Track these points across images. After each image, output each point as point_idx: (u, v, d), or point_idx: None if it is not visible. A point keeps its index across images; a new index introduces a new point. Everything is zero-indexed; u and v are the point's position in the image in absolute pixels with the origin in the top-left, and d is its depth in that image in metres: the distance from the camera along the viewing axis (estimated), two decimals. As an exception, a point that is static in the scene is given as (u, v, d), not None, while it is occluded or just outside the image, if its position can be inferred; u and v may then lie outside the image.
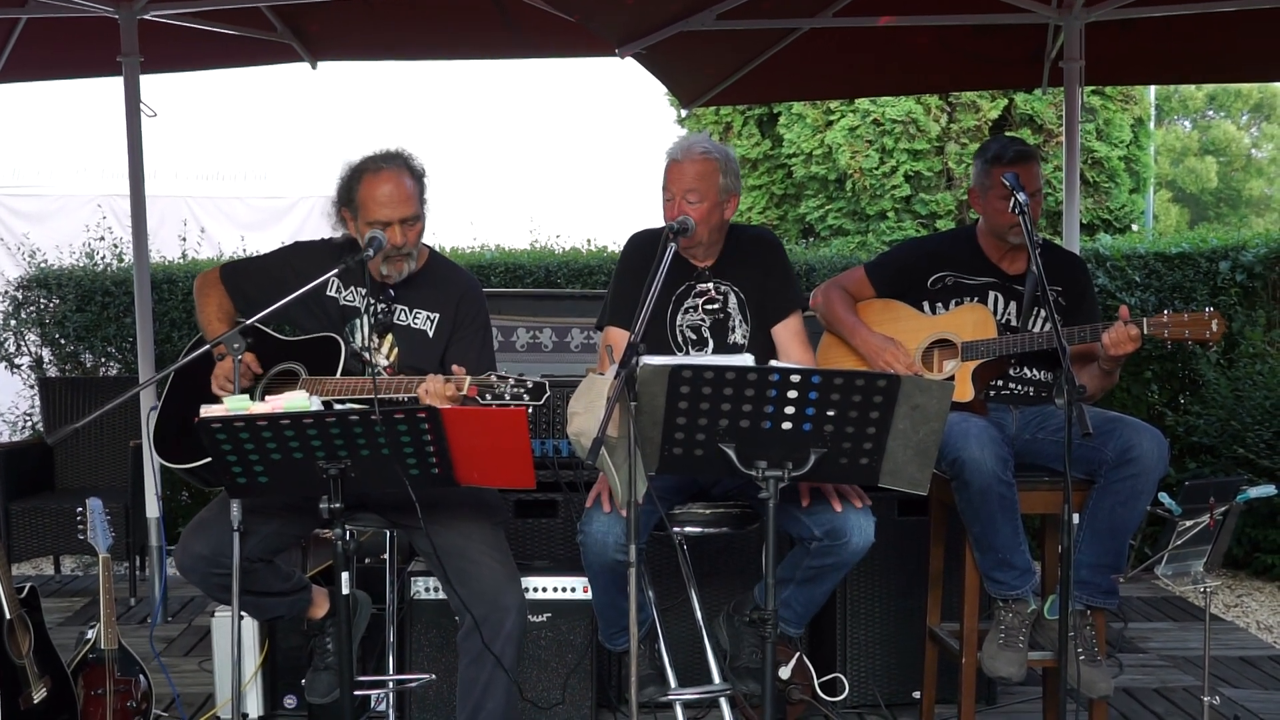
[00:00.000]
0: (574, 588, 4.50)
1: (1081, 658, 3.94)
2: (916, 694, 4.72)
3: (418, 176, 3.99)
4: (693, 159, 3.98)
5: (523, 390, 3.57)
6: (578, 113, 12.39)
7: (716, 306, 4.13)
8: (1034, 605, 4.09)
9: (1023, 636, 4.05)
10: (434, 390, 3.61)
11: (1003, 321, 4.28)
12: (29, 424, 7.84)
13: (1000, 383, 4.28)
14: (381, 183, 3.90)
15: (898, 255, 4.62)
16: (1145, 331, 3.95)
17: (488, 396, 3.57)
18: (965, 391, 4.15)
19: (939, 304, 4.36)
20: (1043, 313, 4.29)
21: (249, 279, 4.14)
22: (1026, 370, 4.29)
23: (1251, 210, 22.91)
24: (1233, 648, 5.77)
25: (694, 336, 4.12)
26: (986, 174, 4.25)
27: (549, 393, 3.61)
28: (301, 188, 10.69)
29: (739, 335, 4.12)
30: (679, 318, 4.13)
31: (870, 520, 3.73)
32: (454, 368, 3.68)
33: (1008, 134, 6.10)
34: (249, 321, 3.74)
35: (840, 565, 3.76)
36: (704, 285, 4.14)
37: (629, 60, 5.95)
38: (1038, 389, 4.29)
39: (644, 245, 4.13)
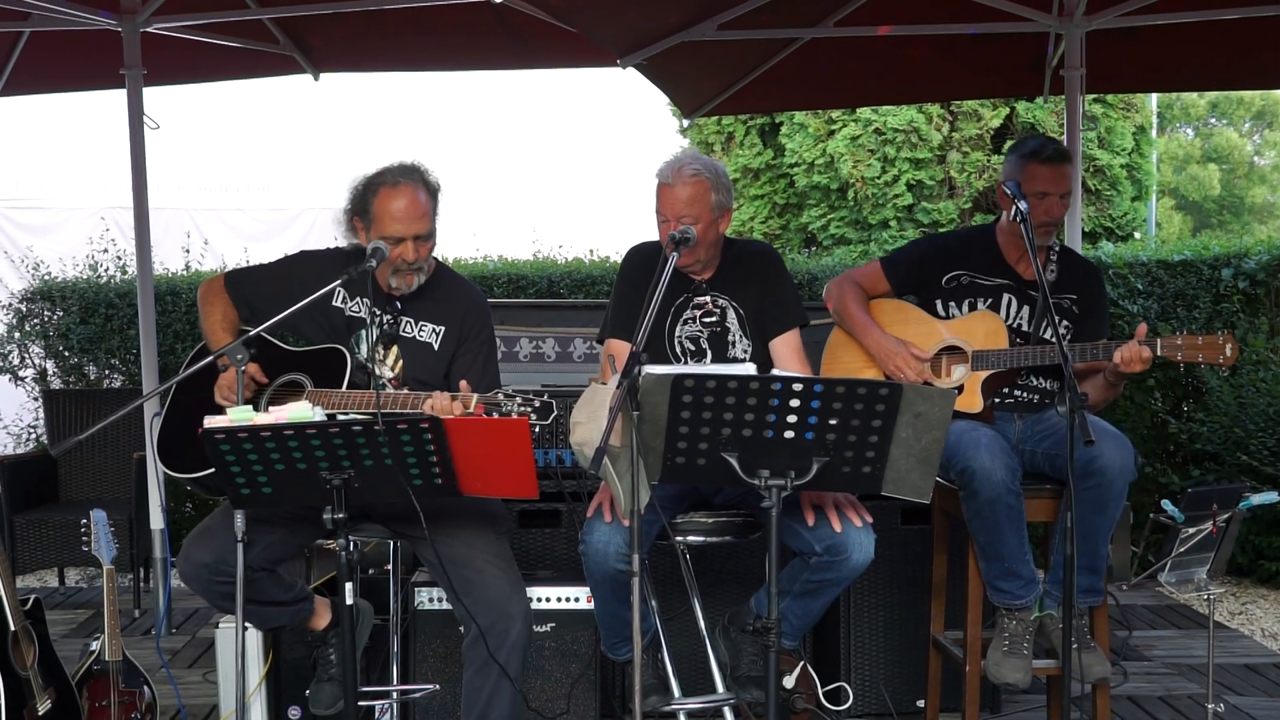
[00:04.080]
0: (578, 597, 4.50)
1: (1074, 646, 3.92)
2: (921, 702, 4.72)
3: (433, 192, 3.99)
4: (683, 181, 3.95)
5: (530, 409, 3.58)
6: (580, 123, 12.42)
7: (714, 319, 4.13)
8: (1037, 613, 4.09)
9: (1027, 643, 4.05)
10: (440, 408, 3.61)
11: (1014, 325, 4.27)
12: (33, 436, 7.85)
13: (1006, 390, 4.27)
14: (398, 197, 3.90)
15: (914, 250, 4.61)
16: (1158, 353, 3.94)
17: (494, 415, 3.57)
18: (974, 403, 4.14)
19: (952, 303, 4.34)
20: (1056, 316, 4.28)
21: (254, 287, 4.14)
22: (1034, 379, 4.29)
23: (1254, 217, 22.91)
24: (1237, 655, 5.76)
25: (692, 348, 4.12)
26: (1021, 169, 4.20)
27: (556, 412, 3.61)
28: (304, 199, 10.72)
29: (739, 350, 4.12)
30: (677, 329, 4.13)
31: (871, 538, 3.73)
32: (462, 384, 3.69)
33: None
34: (254, 332, 3.73)
35: (839, 581, 3.76)
36: (701, 298, 4.14)
37: (630, 71, 5.96)
38: (1043, 397, 4.29)
39: (643, 257, 4.14)
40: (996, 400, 4.25)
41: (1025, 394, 4.29)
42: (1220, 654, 5.64)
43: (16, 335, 7.82)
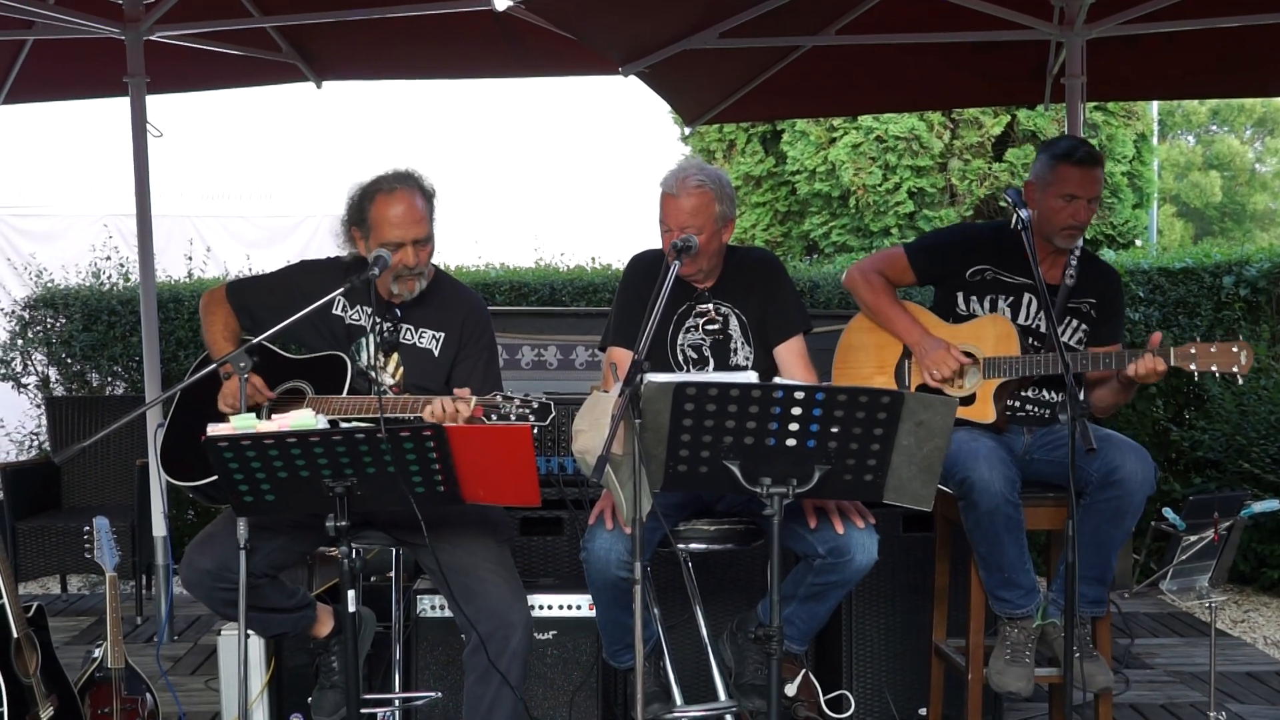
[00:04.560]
0: (579, 605, 4.50)
1: (1076, 655, 3.92)
2: (923, 710, 4.72)
3: (429, 197, 4.01)
4: (687, 192, 3.96)
5: (528, 411, 3.59)
6: (582, 131, 12.42)
7: (716, 327, 4.14)
8: (1039, 621, 4.09)
9: (1029, 651, 4.05)
10: (439, 412, 3.62)
11: (1033, 326, 4.26)
12: (35, 443, 7.86)
13: (1017, 405, 4.26)
14: (395, 203, 3.92)
15: (942, 238, 4.57)
16: (1172, 363, 3.92)
17: (493, 417, 3.58)
18: (987, 412, 4.12)
19: (974, 297, 4.31)
20: (1073, 321, 4.28)
21: (255, 297, 4.16)
22: (1044, 392, 4.27)
23: (1256, 224, 22.92)
24: (1239, 663, 5.76)
25: (694, 356, 4.13)
26: (1051, 169, 4.16)
27: (554, 413, 3.62)
28: (307, 206, 10.73)
29: (741, 358, 4.13)
30: (679, 337, 4.14)
31: (874, 539, 3.74)
32: (457, 391, 3.70)
33: (1073, 135, 5.88)
34: (256, 340, 3.75)
35: (843, 583, 3.77)
36: (704, 306, 4.15)
37: (632, 79, 5.97)
38: (1052, 411, 4.27)
39: (646, 266, 4.15)
40: (1007, 413, 4.23)
41: (1035, 408, 4.28)
42: (1222, 662, 5.63)
43: (19, 342, 7.83)
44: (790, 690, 4.08)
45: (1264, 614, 6.74)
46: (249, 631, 3.70)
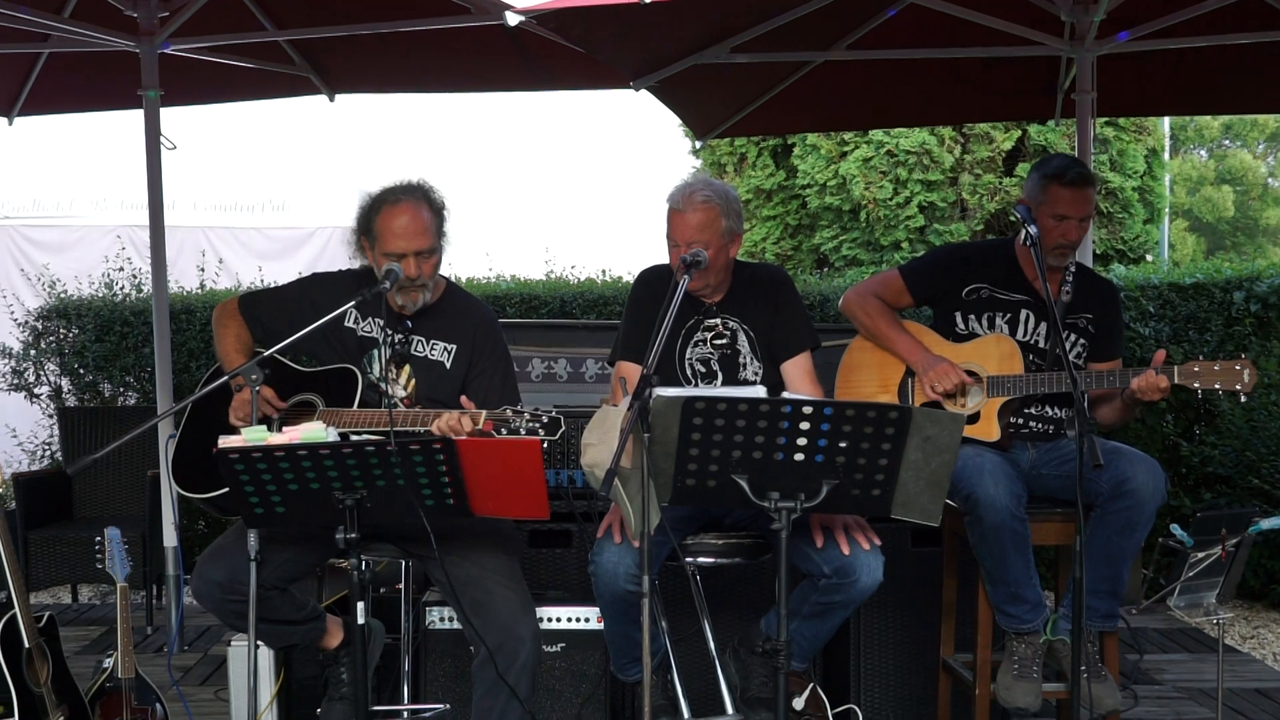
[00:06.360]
0: (588, 618, 4.51)
1: (1085, 674, 3.92)
2: (930, 725, 4.73)
3: (437, 209, 4.03)
4: (694, 207, 3.97)
5: (538, 425, 3.60)
6: (593, 144, 12.48)
7: (724, 342, 4.15)
8: (1047, 636, 4.09)
9: (1036, 667, 4.05)
10: (450, 427, 3.64)
11: (1031, 341, 4.27)
12: (48, 453, 7.89)
13: (1020, 421, 4.27)
14: (399, 214, 3.94)
15: (936, 259, 4.59)
16: (1175, 380, 3.93)
17: (503, 431, 3.60)
18: (991, 430, 4.13)
19: (971, 315, 4.32)
20: (1071, 336, 4.29)
21: (267, 310, 4.18)
22: (1048, 409, 4.28)
23: (1268, 239, 22.90)
24: (1248, 680, 5.74)
25: (703, 369, 4.14)
26: (1043, 189, 4.19)
27: (564, 428, 3.64)
28: (319, 218, 10.75)
29: (749, 373, 4.13)
30: (688, 351, 4.15)
31: (879, 560, 3.74)
32: (463, 400, 3.72)
33: (1067, 153, 5.89)
34: (267, 353, 3.77)
35: (847, 603, 3.78)
36: (711, 320, 4.16)
37: (643, 93, 5.99)
38: (1057, 427, 4.28)
39: (654, 280, 4.17)
40: (1011, 430, 4.24)
41: (1039, 424, 4.28)
42: (1231, 678, 5.63)
43: (32, 353, 7.86)
44: (798, 704, 4.08)
45: (1273, 630, 6.72)
46: (259, 643, 3.72)
